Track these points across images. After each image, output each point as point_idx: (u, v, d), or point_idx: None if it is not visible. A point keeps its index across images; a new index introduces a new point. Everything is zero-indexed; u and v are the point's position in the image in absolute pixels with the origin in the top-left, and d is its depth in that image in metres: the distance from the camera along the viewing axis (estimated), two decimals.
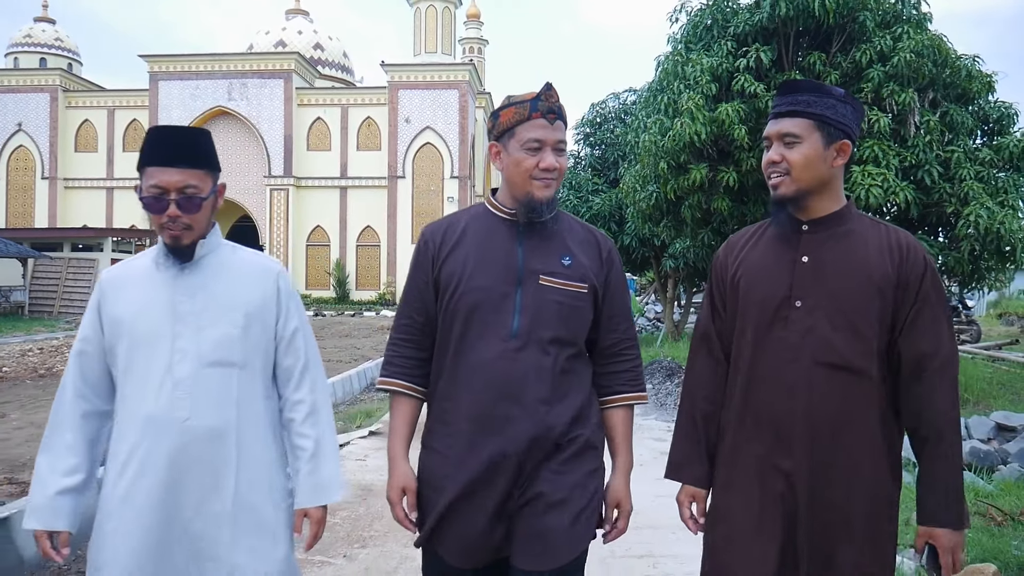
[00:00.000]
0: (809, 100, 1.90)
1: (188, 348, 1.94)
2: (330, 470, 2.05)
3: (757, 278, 1.99)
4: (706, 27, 9.51)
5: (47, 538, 1.92)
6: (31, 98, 36.35)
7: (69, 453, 1.95)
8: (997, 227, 8.36)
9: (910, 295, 1.87)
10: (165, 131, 1.97)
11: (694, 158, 9.18)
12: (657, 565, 3.80)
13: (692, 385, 2.12)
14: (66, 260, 27.70)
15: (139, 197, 1.94)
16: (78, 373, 2.00)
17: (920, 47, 8.61)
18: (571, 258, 2.05)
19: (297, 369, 2.07)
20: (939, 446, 1.83)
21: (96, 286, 2.04)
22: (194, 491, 1.91)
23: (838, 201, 1.95)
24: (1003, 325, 24.41)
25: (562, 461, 1.97)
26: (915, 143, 8.77)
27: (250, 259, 2.08)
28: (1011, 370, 11.53)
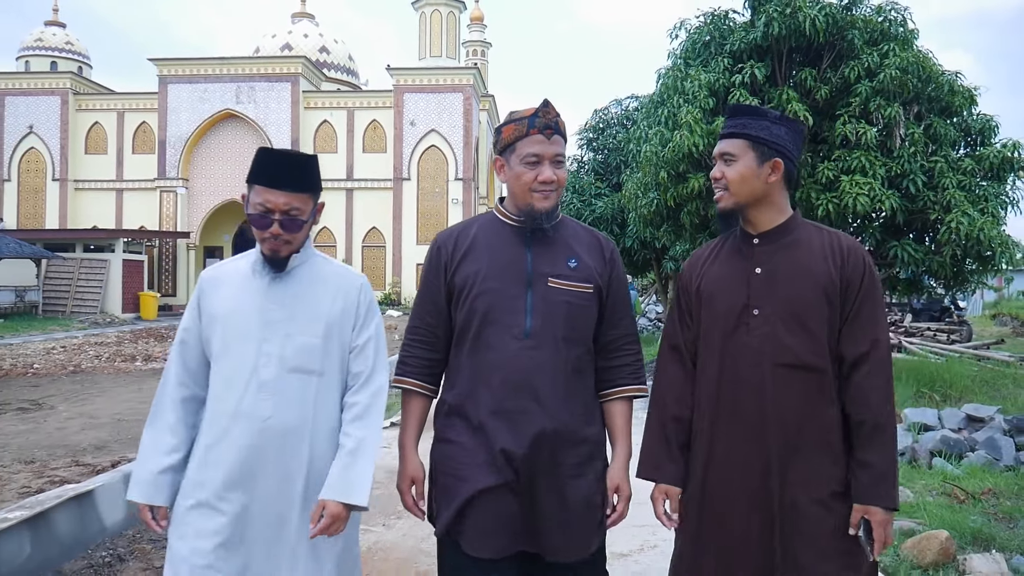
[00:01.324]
0: (745, 122, 2.08)
1: (273, 352, 2.06)
2: (362, 472, 2.09)
3: (718, 289, 2.13)
4: (704, 44, 10.05)
5: (148, 510, 2.06)
6: (42, 101, 36.88)
7: (171, 433, 2.09)
8: (977, 233, 8.88)
9: (851, 294, 2.00)
10: (277, 154, 2.09)
11: (692, 168, 9.73)
12: (656, 533, 4.35)
13: (663, 391, 2.23)
14: (78, 260, 28.17)
15: (246, 210, 2.10)
16: (180, 361, 2.13)
17: (905, 63, 9.14)
18: (577, 260, 2.16)
19: (363, 376, 2.16)
20: (875, 434, 1.95)
21: (198, 282, 2.19)
22: (270, 482, 2.04)
23: (782, 213, 2.10)
24: (996, 326, 24.90)
25: (579, 460, 2.09)
26: (900, 154, 9.29)
27: (337, 271, 2.22)
28: (995, 368, 12.05)
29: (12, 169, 37.06)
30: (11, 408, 8.00)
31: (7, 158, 37.00)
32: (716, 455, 2.07)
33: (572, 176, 18.88)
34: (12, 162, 37.03)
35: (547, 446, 2.04)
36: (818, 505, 1.96)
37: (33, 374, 11.41)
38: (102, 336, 19.60)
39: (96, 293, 27.73)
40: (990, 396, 9.40)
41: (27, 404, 8.31)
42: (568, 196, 18.16)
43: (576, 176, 18.92)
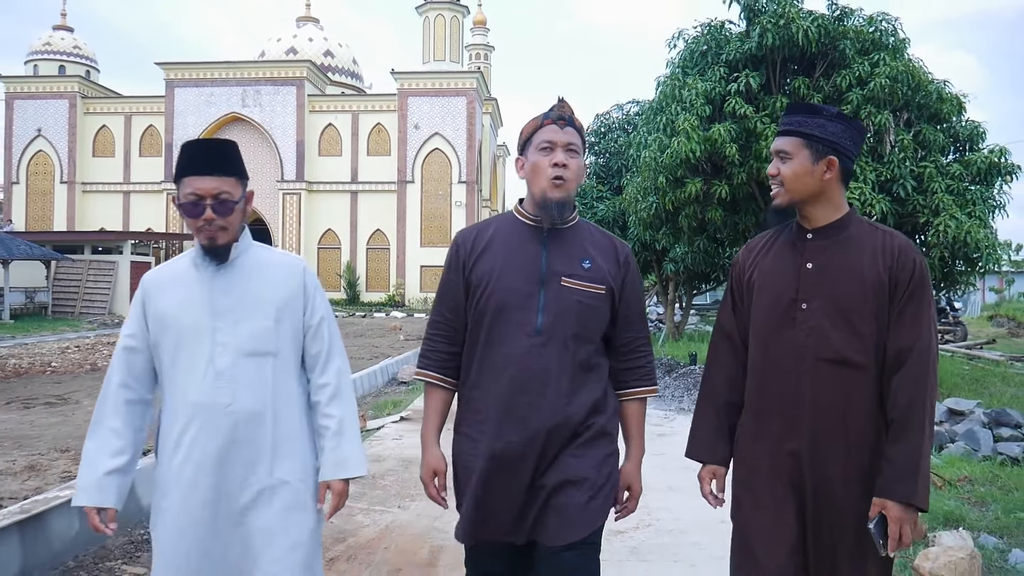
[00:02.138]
0: (801, 120, 2.11)
1: (227, 341, 2.10)
2: (351, 447, 2.18)
3: (768, 282, 2.15)
4: (701, 53, 10.42)
5: (96, 514, 2.07)
6: (50, 104, 37.35)
7: (115, 437, 2.10)
8: (964, 235, 9.22)
9: (899, 293, 2.01)
10: (198, 144, 2.13)
11: (690, 173, 10.09)
12: (651, 514, 4.70)
13: (714, 373, 2.28)
14: (87, 262, 28.54)
15: (177, 205, 2.12)
16: (124, 365, 2.15)
17: (895, 72, 9.49)
18: (590, 261, 2.19)
19: (323, 355, 2.22)
20: (901, 430, 1.95)
21: (139, 287, 2.20)
22: (238, 468, 2.09)
23: (838, 210, 2.11)
24: (993, 327, 25.23)
25: (579, 445, 2.13)
26: (891, 159, 9.64)
27: (278, 258, 2.25)
28: (985, 367, 12.41)
29: (21, 172, 37.52)
30: (39, 403, 8.38)
31: (16, 161, 37.47)
32: (755, 442, 2.13)
33: None
34: (21, 165, 37.50)
35: (554, 440, 2.10)
36: (849, 498, 2.00)
37: (52, 372, 11.78)
38: (113, 336, 19.97)
39: (104, 294, 28.11)
40: (978, 392, 9.75)
41: (53, 399, 8.68)
42: None
43: None
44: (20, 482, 4.89)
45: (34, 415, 7.57)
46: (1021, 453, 6.23)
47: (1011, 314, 27.36)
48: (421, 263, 35.62)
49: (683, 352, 13.60)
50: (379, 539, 4.23)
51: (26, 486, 4.78)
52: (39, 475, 5.07)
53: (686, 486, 5.53)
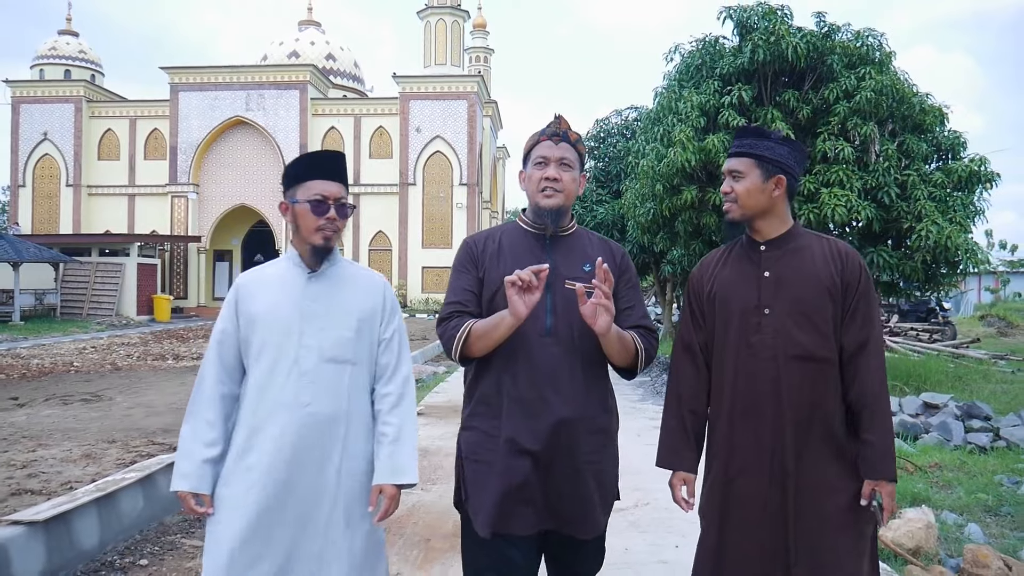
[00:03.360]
0: (752, 143, 2.28)
1: (312, 344, 2.23)
2: (407, 455, 2.27)
3: (730, 292, 2.30)
4: (696, 67, 10.96)
5: (192, 498, 2.19)
6: (56, 108, 37.79)
7: (209, 428, 2.23)
8: (945, 240, 9.77)
9: (850, 293, 2.21)
10: (324, 153, 2.33)
11: (685, 181, 10.63)
12: (649, 494, 5.23)
13: (678, 387, 2.40)
14: (94, 264, 28.94)
15: (289, 204, 2.28)
16: (218, 360, 2.27)
17: (880, 86, 10.03)
18: (591, 264, 2.32)
19: (391, 366, 2.35)
20: (874, 416, 2.15)
21: (233, 287, 2.34)
22: (308, 464, 2.19)
23: (785, 223, 2.30)
24: (984, 326, 25.75)
25: (595, 447, 2.27)
26: (876, 168, 10.18)
27: (363, 273, 2.41)
28: (969, 365, 12.94)
29: (27, 175, 37.96)
30: (75, 399, 8.90)
31: (22, 164, 37.91)
32: (737, 442, 2.24)
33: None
34: (27, 168, 37.94)
35: (565, 433, 2.22)
36: (829, 479, 2.16)
37: (75, 371, 12.28)
38: (125, 337, 20.48)
39: (112, 296, 28.56)
40: (958, 389, 10.28)
41: (88, 396, 9.20)
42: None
43: None
44: (81, 468, 5.41)
45: (74, 410, 8.09)
46: (989, 442, 6.77)
47: (1003, 314, 27.87)
48: (423, 264, 36.14)
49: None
50: (408, 516, 4.77)
51: (87, 472, 5.30)
52: (96, 462, 5.59)
53: None
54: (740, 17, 10.52)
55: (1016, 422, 7.14)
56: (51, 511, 3.88)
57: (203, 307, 35.77)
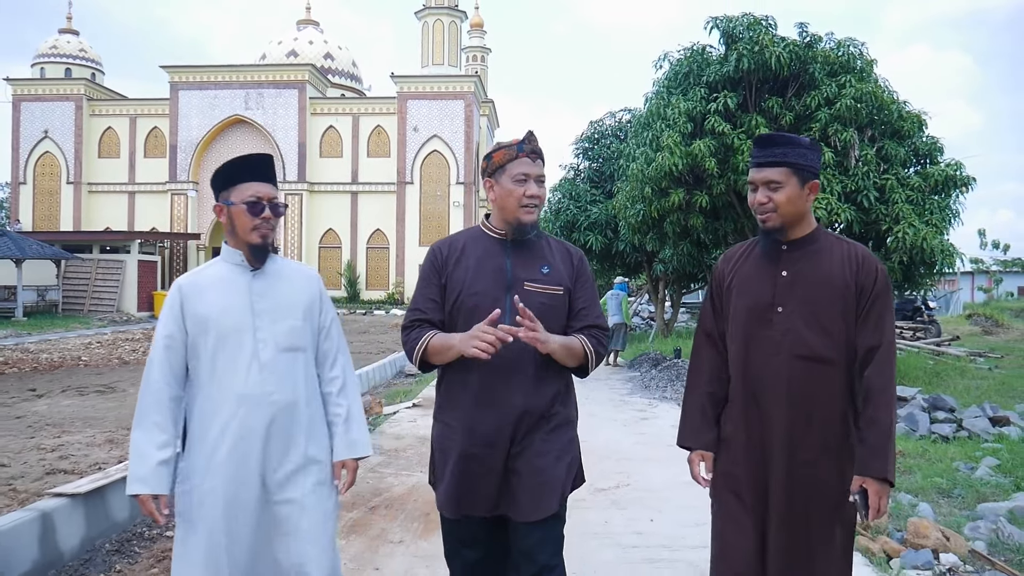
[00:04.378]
0: (785, 152, 2.28)
1: (267, 338, 2.34)
2: (360, 432, 2.47)
3: (747, 287, 2.36)
4: (684, 75, 11.41)
5: (151, 500, 2.23)
6: (57, 106, 38.17)
7: (160, 431, 2.26)
8: (921, 242, 10.23)
9: (864, 297, 2.24)
10: (254, 156, 2.43)
11: (673, 184, 11.08)
12: (630, 477, 5.68)
13: (699, 370, 2.48)
14: (95, 261, 29.26)
15: (224, 206, 2.36)
16: (165, 363, 2.31)
17: (860, 94, 10.48)
18: (549, 267, 2.46)
19: (332, 352, 2.51)
20: (874, 418, 2.19)
21: (174, 290, 2.37)
22: (277, 450, 2.32)
23: (810, 225, 2.35)
24: (971, 325, 26.21)
25: (547, 431, 2.40)
26: (855, 172, 10.63)
27: (297, 267, 2.54)
28: (948, 362, 13.40)
29: (28, 172, 38.32)
30: (90, 391, 9.32)
31: (23, 162, 38.28)
32: (736, 434, 2.34)
33: (568, 183, 20.08)
34: (28, 165, 38.30)
35: (522, 424, 2.36)
36: (821, 474, 2.23)
37: (85, 365, 12.70)
38: (128, 333, 20.87)
39: (113, 292, 28.91)
40: (935, 384, 10.72)
41: (102, 387, 9.63)
42: (565, 202, 19.36)
43: (572, 183, 20.05)
44: (105, 452, 5.84)
45: (91, 401, 8.52)
46: (952, 432, 7.23)
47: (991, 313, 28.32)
48: (420, 262, 36.42)
49: (670, 348, 14.56)
50: (408, 495, 5.21)
51: (111, 455, 5.73)
52: (118, 447, 6.03)
53: (661, 458, 6.53)
54: (726, 27, 10.97)
55: (978, 414, 7.59)
56: (89, 485, 4.31)
57: None
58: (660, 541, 4.29)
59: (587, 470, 2.67)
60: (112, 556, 4.17)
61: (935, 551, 4.08)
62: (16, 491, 4.66)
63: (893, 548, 4.19)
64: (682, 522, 4.49)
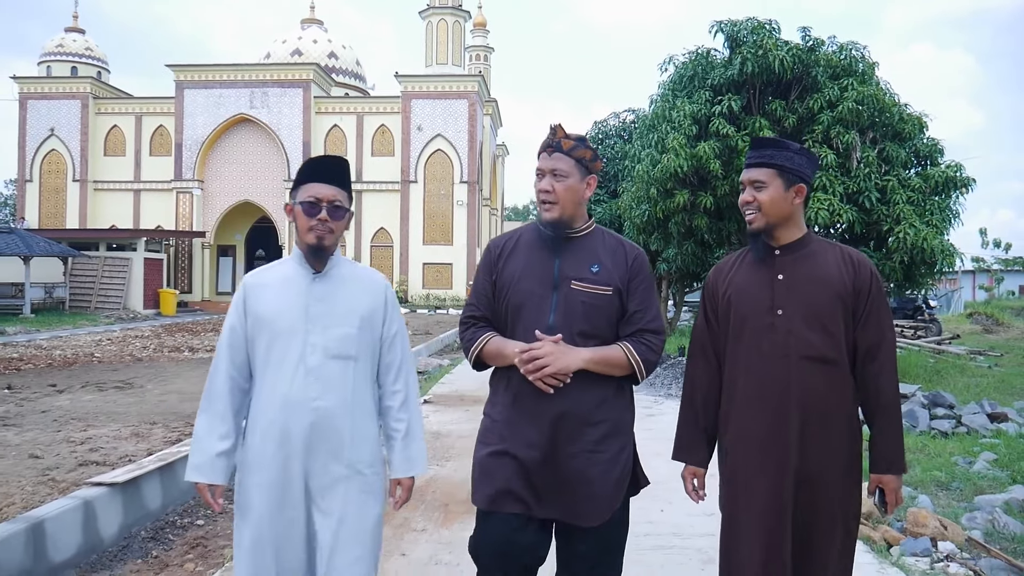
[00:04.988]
0: (772, 153, 2.35)
1: (317, 343, 2.31)
2: (418, 449, 2.43)
3: (745, 294, 2.38)
4: (689, 78, 11.60)
5: (207, 490, 2.30)
6: (63, 104, 38.35)
7: (222, 422, 2.32)
8: (921, 242, 10.41)
9: (862, 298, 2.29)
10: (323, 157, 2.42)
11: (678, 185, 11.27)
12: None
13: (693, 385, 2.50)
14: (102, 259, 29.44)
15: (291, 208, 2.37)
16: (228, 356, 2.35)
17: (862, 97, 10.66)
18: (599, 266, 2.40)
19: (395, 365, 2.45)
20: (886, 414, 2.26)
21: (241, 287, 2.42)
22: (319, 456, 2.29)
23: (800, 230, 2.39)
24: (972, 324, 26.38)
25: (596, 441, 2.34)
26: (857, 174, 10.81)
27: (364, 273, 2.49)
28: (948, 360, 13.60)
29: (34, 170, 38.53)
30: (109, 386, 9.54)
31: (29, 160, 38.48)
32: (744, 439, 2.35)
33: None
34: (34, 163, 38.51)
35: (564, 425, 2.32)
36: (829, 474, 2.26)
37: (99, 362, 12.92)
38: (137, 330, 21.10)
39: (119, 290, 29.13)
40: (936, 382, 10.94)
41: (120, 383, 9.84)
42: None
43: None
44: (133, 445, 6.05)
45: (111, 396, 8.74)
46: (951, 428, 7.43)
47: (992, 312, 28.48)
48: (424, 261, 36.80)
49: (674, 346, 14.77)
50: (427, 486, 5.42)
51: (139, 448, 5.94)
52: (144, 440, 6.23)
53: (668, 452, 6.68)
54: (730, 31, 11.15)
55: (976, 410, 7.80)
56: (126, 475, 4.53)
57: (207, 301, 36.41)
58: (670, 529, 4.51)
59: None
60: (148, 543, 4.38)
61: (933, 539, 4.28)
62: (55, 481, 4.87)
63: (893, 536, 4.39)
64: (690, 512, 4.69)
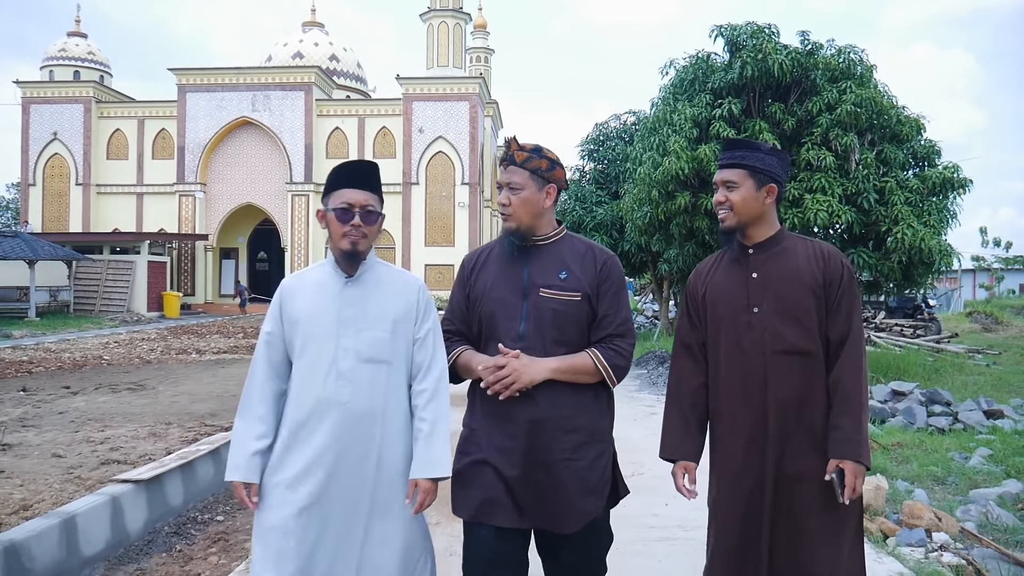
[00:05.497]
0: (743, 154, 2.41)
1: (349, 346, 2.32)
2: (441, 450, 2.35)
3: (721, 295, 2.44)
4: (689, 81, 11.78)
5: (243, 488, 2.31)
6: (66, 109, 38.54)
7: (260, 422, 2.34)
8: (919, 242, 10.57)
9: (833, 291, 2.34)
10: (355, 162, 2.40)
11: (680, 187, 11.44)
12: (643, 466, 6.05)
13: (678, 382, 2.55)
14: (106, 262, 29.64)
15: (324, 212, 2.38)
16: (266, 359, 2.38)
17: (860, 99, 10.82)
18: (567, 272, 2.43)
19: (426, 363, 2.43)
20: (845, 401, 2.29)
21: (278, 290, 2.45)
22: (349, 458, 2.29)
23: (773, 228, 2.44)
24: (971, 323, 26.54)
25: (573, 446, 2.36)
26: (856, 175, 10.97)
27: (398, 276, 2.49)
28: (946, 359, 13.76)
29: (37, 174, 38.72)
30: (121, 388, 9.70)
31: (32, 164, 38.67)
32: (726, 435, 2.40)
33: (574, 184, 20.49)
34: (37, 167, 38.69)
35: (538, 432, 2.34)
36: (808, 471, 2.30)
37: (108, 364, 13.08)
38: (142, 333, 21.27)
39: (123, 293, 29.31)
40: (934, 380, 11.08)
41: (132, 385, 10.00)
42: (571, 204, 19.78)
43: (578, 185, 20.48)
44: (151, 444, 6.22)
45: (125, 398, 8.90)
46: (948, 425, 7.60)
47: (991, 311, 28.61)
48: (425, 262, 36.96)
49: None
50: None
51: (157, 447, 6.10)
52: (161, 439, 6.40)
53: None
54: (730, 35, 11.33)
55: (973, 407, 7.97)
56: (150, 472, 4.70)
57: (210, 303, 36.56)
58: (675, 522, 4.68)
59: None
60: (172, 537, 4.55)
61: (928, 531, 4.45)
62: (81, 479, 5.03)
63: (889, 528, 4.56)
64: (695, 505, 4.78)
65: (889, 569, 3.89)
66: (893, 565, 3.96)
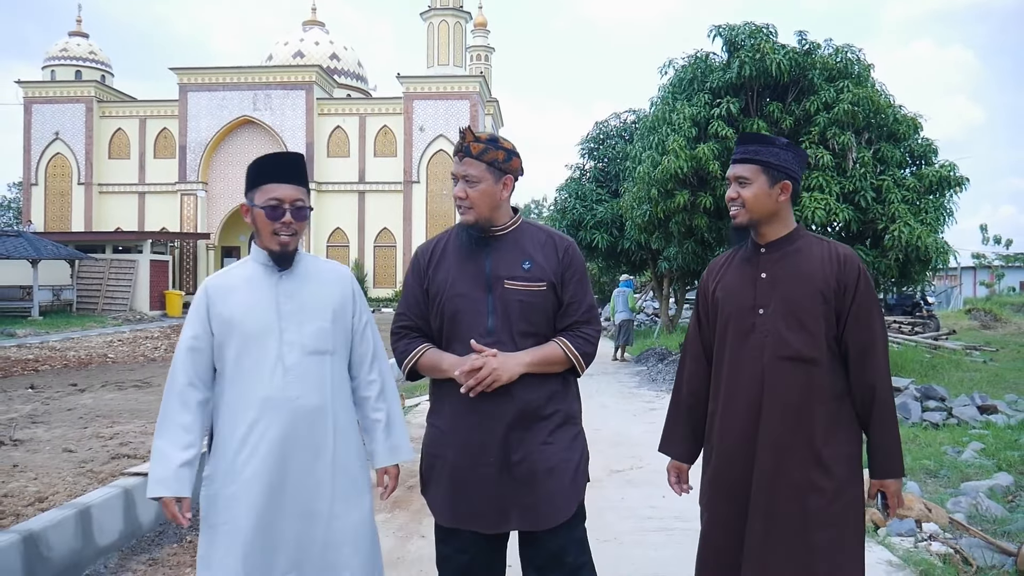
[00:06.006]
0: (757, 149, 2.30)
1: (294, 340, 2.26)
2: (400, 436, 2.41)
3: (730, 293, 2.36)
4: (688, 81, 11.89)
5: (174, 503, 2.18)
6: (68, 108, 38.68)
7: (184, 432, 2.21)
8: (916, 240, 10.69)
9: (848, 296, 2.22)
10: (279, 154, 2.32)
11: (679, 186, 11.56)
12: (643, 460, 6.17)
13: (681, 382, 2.52)
14: (108, 261, 29.71)
15: (251, 208, 2.27)
16: (190, 365, 2.25)
17: (857, 99, 10.95)
18: (530, 262, 2.36)
19: (369, 355, 2.41)
20: (881, 419, 2.20)
21: (201, 292, 2.30)
22: (302, 457, 2.23)
23: (788, 226, 2.33)
24: (970, 320, 26.62)
25: (549, 433, 2.32)
26: (853, 174, 11.09)
27: (328, 266, 2.44)
28: (944, 355, 13.88)
29: (39, 174, 38.87)
30: (128, 385, 9.84)
31: (35, 163, 38.83)
32: (723, 438, 2.34)
33: (574, 182, 20.60)
34: (39, 167, 38.84)
35: (516, 426, 2.28)
36: (808, 483, 2.20)
37: (113, 362, 13.22)
38: (145, 331, 21.40)
39: (125, 292, 29.41)
40: (931, 376, 11.20)
41: (138, 383, 10.14)
42: (571, 202, 19.87)
43: (578, 183, 20.56)
44: None
45: (132, 395, 9.04)
46: (942, 420, 7.71)
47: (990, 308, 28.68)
48: None
49: (675, 343, 15.06)
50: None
51: None
52: None
53: None
54: (728, 35, 11.44)
55: (967, 402, 8.08)
56: None
57: None
58: (673, 514, 4.80)
59: (601, 455, 2.87)
60: (181, 529, 4.67)
61: (918, 521, 4.56)
62: (93, 472, 5.16)
63: (880, 519, 4.68)
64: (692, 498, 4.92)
65: (878, 557, 4.02)
66: (882, 554, 4.09)
